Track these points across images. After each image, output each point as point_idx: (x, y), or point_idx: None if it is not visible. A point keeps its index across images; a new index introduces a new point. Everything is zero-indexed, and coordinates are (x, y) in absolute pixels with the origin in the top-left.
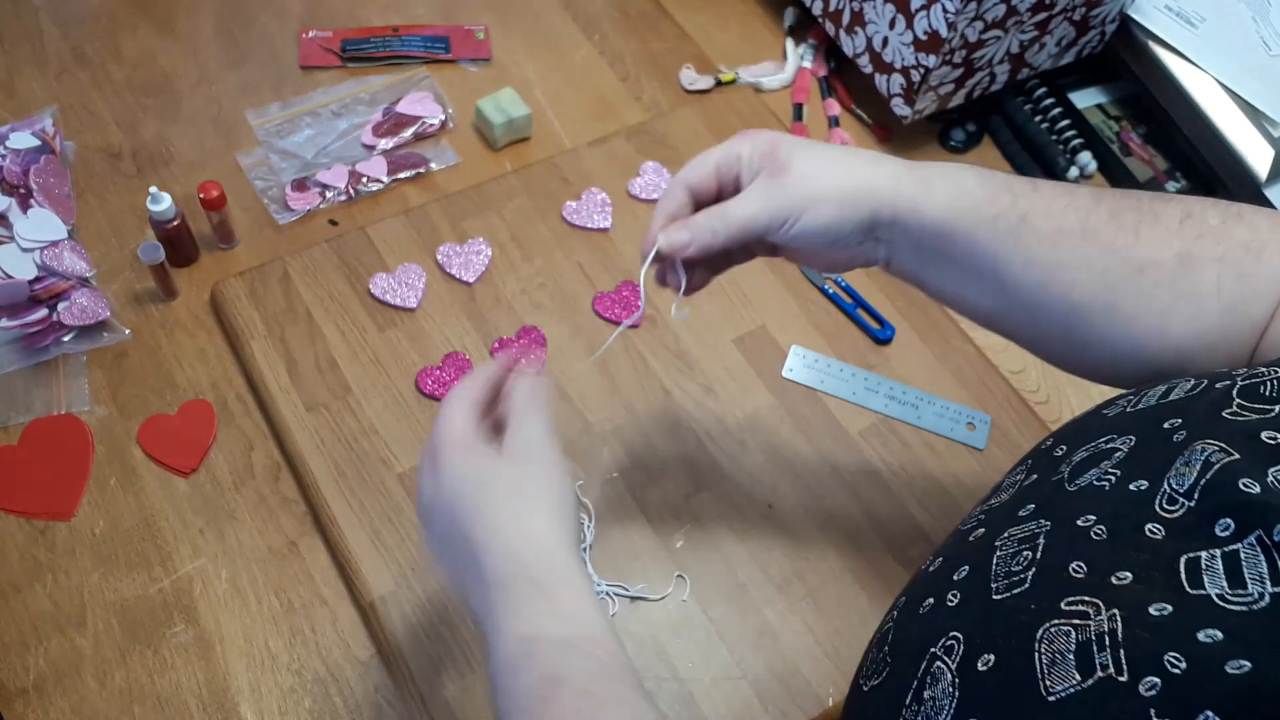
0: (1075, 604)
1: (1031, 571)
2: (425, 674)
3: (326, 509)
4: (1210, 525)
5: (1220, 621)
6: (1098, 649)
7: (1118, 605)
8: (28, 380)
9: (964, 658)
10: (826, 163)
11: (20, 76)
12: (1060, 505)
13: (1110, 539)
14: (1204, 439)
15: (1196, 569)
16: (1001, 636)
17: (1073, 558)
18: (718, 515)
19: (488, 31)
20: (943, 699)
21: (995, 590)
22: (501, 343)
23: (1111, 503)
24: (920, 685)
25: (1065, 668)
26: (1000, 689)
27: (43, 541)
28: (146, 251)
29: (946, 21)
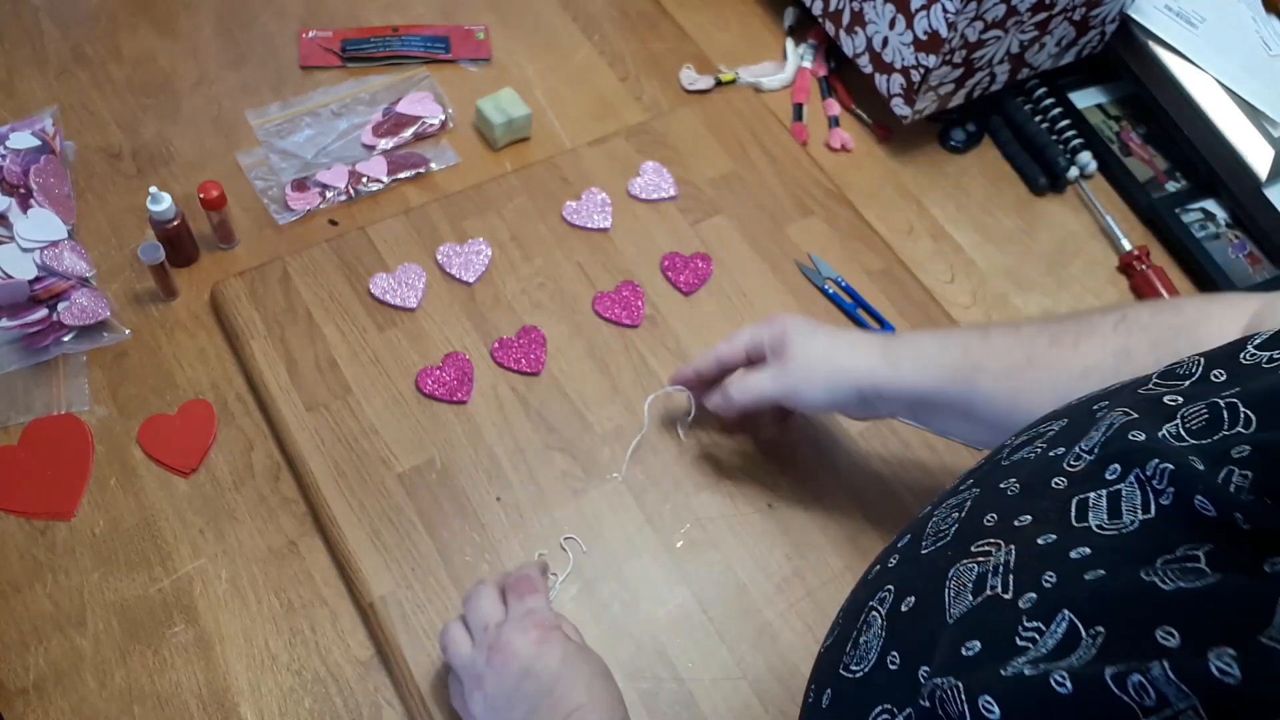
0: (982, 546)
1: (954, 529)
2: (425, 674)
3: (326, 509)
4: (1102, 471)
5: (1091, 543)
6: (991, 576)
7: (1015, 542)
8: (28, 380)
9: (892, 604)
10: (818, 353)
11: (20, 76)
12: (991, 476)
13: (1021, 494)
14: (1114, 408)
15: (1084, 506)
16: (922, 580)
17: (988, 512)
18: (718, 515)
19: (488, 31)
20: (873, 640)
21: (924, 547)
22: (501, 343)
23: (1030, 467)
24: (858, 634)
25: (964, 595)
26: (914, 622)
27: (43, 541)
28: (146, 251)
29: (946, 21)
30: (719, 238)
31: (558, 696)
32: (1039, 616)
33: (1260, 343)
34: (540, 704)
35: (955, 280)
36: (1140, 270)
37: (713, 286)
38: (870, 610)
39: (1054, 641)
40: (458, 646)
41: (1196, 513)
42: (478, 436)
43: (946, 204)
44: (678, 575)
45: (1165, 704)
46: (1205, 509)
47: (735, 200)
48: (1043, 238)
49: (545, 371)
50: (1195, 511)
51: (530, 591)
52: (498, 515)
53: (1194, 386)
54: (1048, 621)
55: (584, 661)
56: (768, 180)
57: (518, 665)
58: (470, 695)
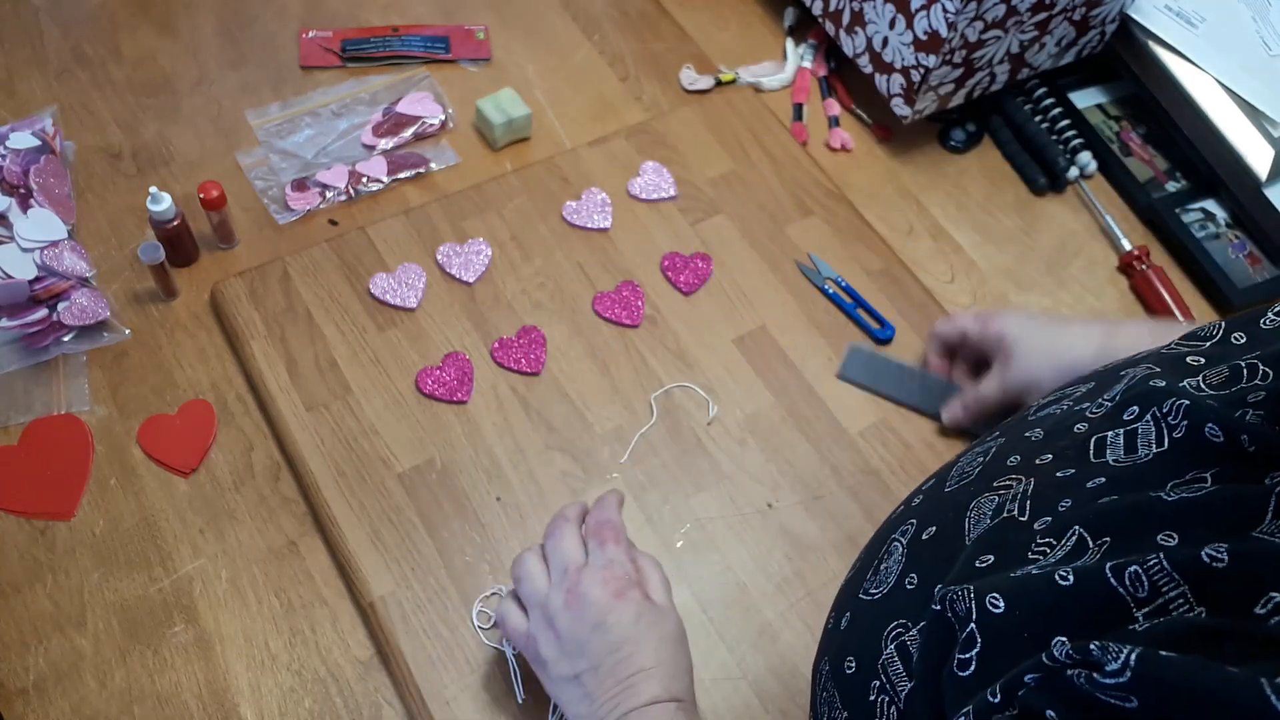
0: (1004, 481)
1: (979, 469)
2: (425, 674)
3: (326, 509)
4: (1121, 413)
5: (1107, 474)
6: (1009, 503)
7: (1034, 475)
8: (28, 380)
9: (914, 535)
10: (1040, 350)
11: (20, 76)
12: (1017, 427)
13: (1044, 439)
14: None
15: (1102, 444)
16: (945, 512)
17: (1011, 454)
18: (718, 515)
19: (488, 31)
20: (893, 566)
21: (948, 486)
22: (501, 343)
23: (1055, 418)
24: (879, 562)
25: (983, 520)
26: (935, 548)
27: (43, 541)
28: (146, 251)
29: (946, 21)
30: (719, 238)
31: (624, 655)
32: (1051, 534)
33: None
34: (606, 660)
35: (955, 280)
36: (1140, 270)
37: (713, 286)
38: (892, 541)
39: (1063, 553)
40: (534, 582)
41: (1206, 440)
42: (478, 436)
43: (946, 204)
44: (678, 575)
45: (1156, 594)
46: (1214, 435)
47: (735, 200)
48: (1043, 238)
49: (545, 371)
50: (1205, 439)
51: (613, 539)
52: (498, 515)
53: (1215, 348)
54: (1059, 537)
55: (656, 624)
56: (768, 180)
57: (593, 616)
58: (539, 630)
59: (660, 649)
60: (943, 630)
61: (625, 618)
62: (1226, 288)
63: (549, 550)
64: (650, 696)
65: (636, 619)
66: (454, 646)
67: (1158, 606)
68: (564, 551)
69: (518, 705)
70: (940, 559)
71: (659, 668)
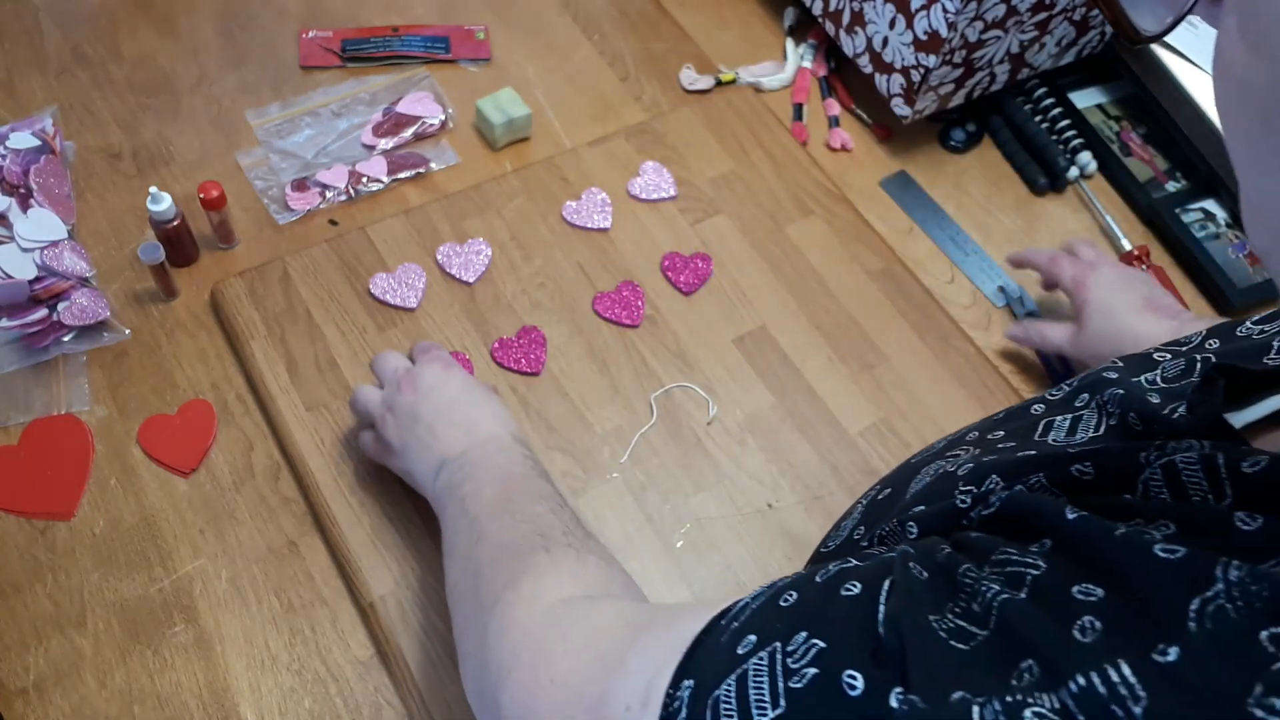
0: (956, 450)
1: (944, 443)
2: (425, 674)
3: (326, 509)
4: (1073, 400)
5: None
6: (948, 466)
7: (981, 446)
8: (28, 380)
9: (872, 496)
10: (1111, 336)
11: (20, 76)
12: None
13: (1006, 417)
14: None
15: (1049, 427)
16: (900, 477)
17: (973, 430)
18: (718, 515)
19: (488, 31)
20: (848, 522)
21: (915, 458)
22: (501, 343)
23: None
24: (843, 520)
25: (924, 479)
26: (883, 505)
27: (43, 541)
28: (146, 251)
29: (946, 21)
30: (719, 238)
31: (459, 403)
32: (972, 480)
33: (1257, 319)
34: (444, 410)
35: (955, 280)
36: (1140, 270)
37: (713, 286)
38: (857, 504)
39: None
40: (368, 395)
41: (1129, 425)
42: None
43: (946, 204)
44: (678, 575)
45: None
46: (1135, 423)
47: (735, 200)
48: (1043, 238)
49: (545, 371)
50: (1128, 424)
51: (434, 348)
52: None
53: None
54: (979, 483)
55: (481, 389)
56: (768, 180)
57: (424, 384)
58: (383, 425)
59: (490, 401)
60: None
61: (454, 380)
62: (1226, 287)
63: (377, 368)
64: (488, 432)
65: (464, 381)
66: (454, 646)
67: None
68: (391, 362)
69: None
70: (885, 514)
71: (491, 411)
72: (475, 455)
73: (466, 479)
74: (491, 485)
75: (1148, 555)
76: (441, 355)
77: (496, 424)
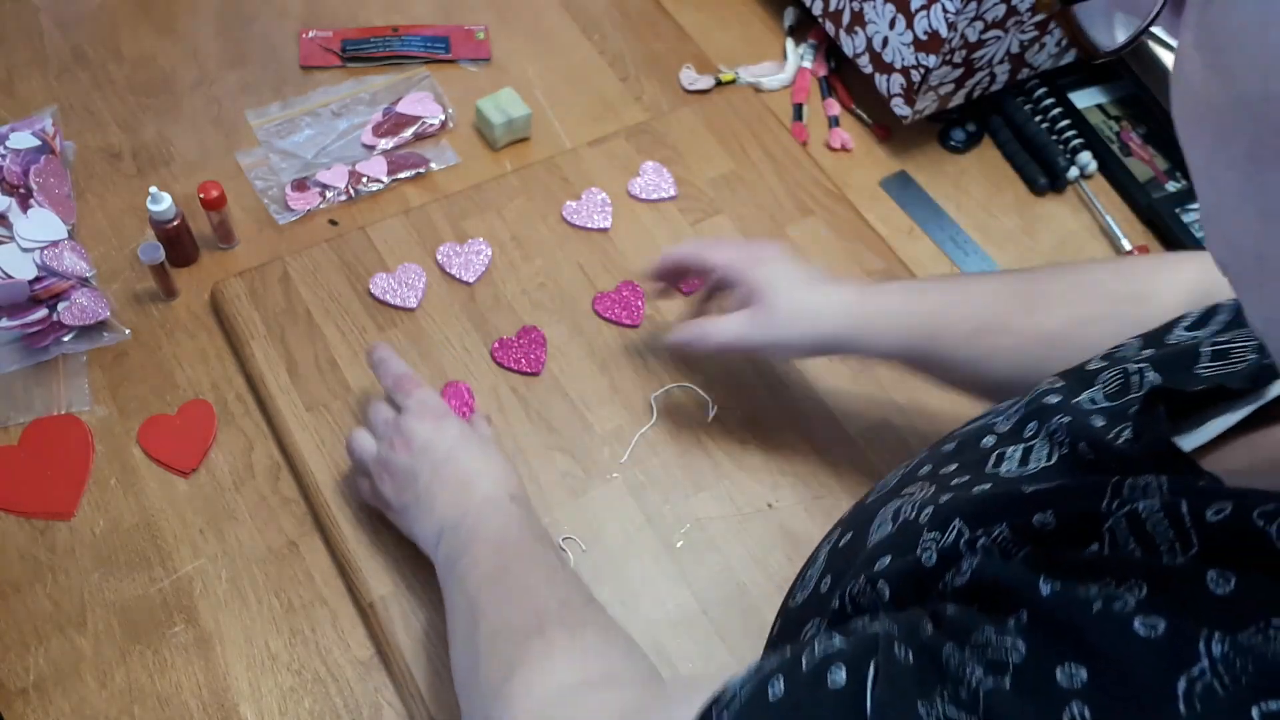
0: (911, 489)
1: (896, 480)
2: (425, 674)
3: (326, 509)
4: (1022, 429)
5: (993, 481)
6: (907, 508)
7: (936, 483)
8: (28, 380)
9: (834, 542)
10: (800, 307)
11: (20, 76)
12: (942, 442)
13: (955, 450)
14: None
15: (1001, 458)
16: (859, 520)
17: (926, 464)
18: (718, 515)
19: (488, 31)
20: (814, 571)
21: (870, 497)
22: (502, 343)
23: (973, 430)
24: (806, 569)
25: (885, 525)
26: (845, 552)
27: (43, 541)
28: (146, 251)
29: (946, 21)
30: (719, 238)
31: (453, 464)
32: (936, 526)
33: (1188, 324)
34: (439, 472)
35: None
36: None
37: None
38: (819, 550)
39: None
40: (364, 444)
41: (1081, 455)
42: None
43: (946, 204)
44: (678, 575)
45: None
46: (1087, 453)
47: (735, 200)
48: (1043, 238)
49: (545, 371)
50: (1080, 454)
51: (414, 387)
52: None
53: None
54: (943, 530)
55: (478, 439)
56: (768, 180)
57: (418, 443)
58: (380, 482)
59: (487, 456)
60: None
61: (448, 435)
62: None
63: (369, 422)
64: (484, 494)
65: (459, 435)
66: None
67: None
68: (379, 412)
69: None
70: (849, 562)
71: (487, 470)
72: (472, 521)
73: (463, 552)
74: (488, 557)
75: (1128, 634)
76: (430, 404)
77: (492, 484)
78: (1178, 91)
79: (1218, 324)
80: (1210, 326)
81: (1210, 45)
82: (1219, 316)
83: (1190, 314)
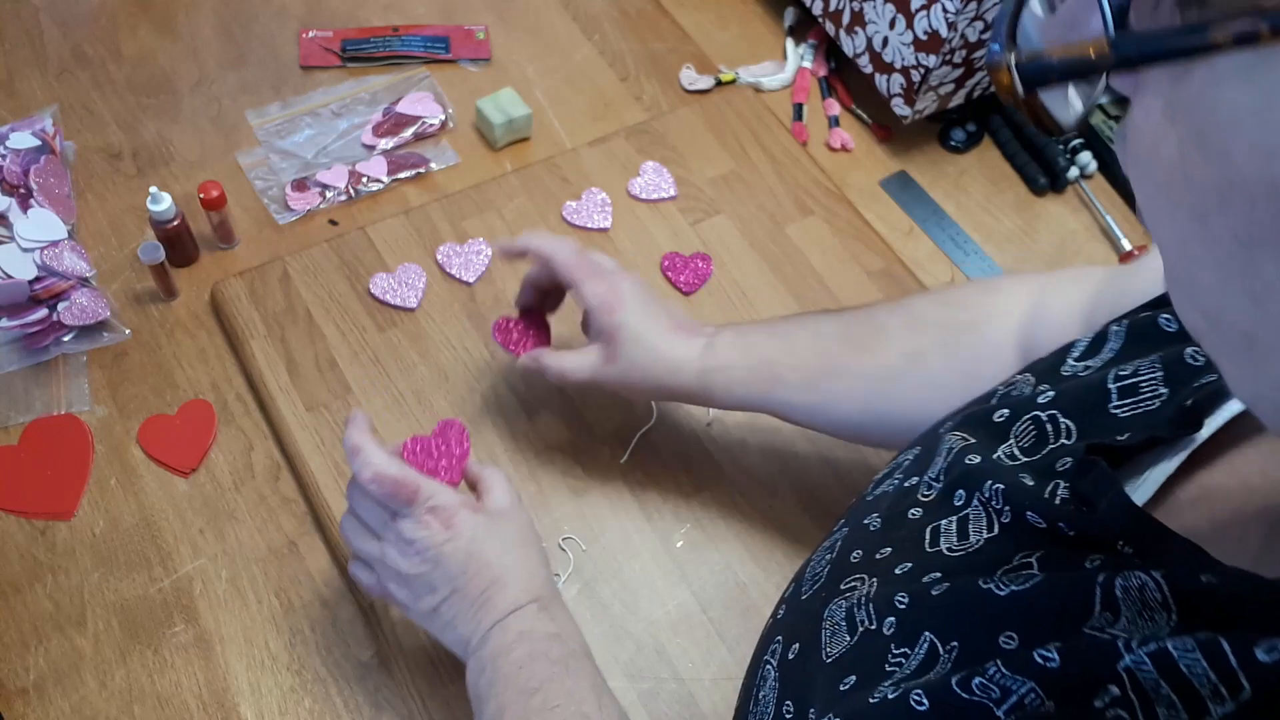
0: (850, 582)
1: (828, 570)
2: (425, 674)
3: (326, 509)
4: (950, 498)
5: (941, 566)
6: (857, 609)
7: (877, 574)
8: (28, 380)
9: (781, 655)
10: (645, 357)
11: (20, 76)
12: (856, 512)
13: (882, 527)
14: (952, 431)
15: (936, 532)
16: (803, 625)
17: (854, 549)
18: (718, 515)
19: (488, 31)
20: (769, 693)
21: (803, 593)
22: (502, 325)
23: (890, 499)
24: (757, 690)
25: (840, 634)
26: (799, 667)
27: (43, 541)
28: (146, 251)
29: (946, 21)
30: (719, 238)
31: (470, 574)
32: (904, 641)
33: (1078, 354)
34: (456, 584)
35: (955, 280)
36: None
37: (713, 286)
38: (765, 664)
39: (916, 663)
40: (365, 543)
41: (1029, 525)
42: (478, 436)
43: (946, 204)
44: (678, 575)
45: (1008, 694)
46: (1037, 522)
47: (735, 200)
48: (1043, 238)
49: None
50: (1028, 524)
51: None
52: None
53: (1022, 403)
54: (912, 644)
55: (496, 534)
56: (768, 180)
57: (430, 554)
58: (388, 582)
59: (505, 556)
60: None
61: (460, 543)
62: None
63: (356, 511)
64: (508, 605)
65: (472, 538)
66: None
67: (1014, 704)
68: (369, 511)
69: None
70: (807, 681)
71: (508, 574)
72: (495, 645)
73: (489, 695)
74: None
75: None
76: (436, 503)
77: (517, 590)
78: (1139, 160)
79: (1109, 352)
80: (1102, 354)
81: (1189, 121)
82: (1109, 344)
83: (1077, 342)
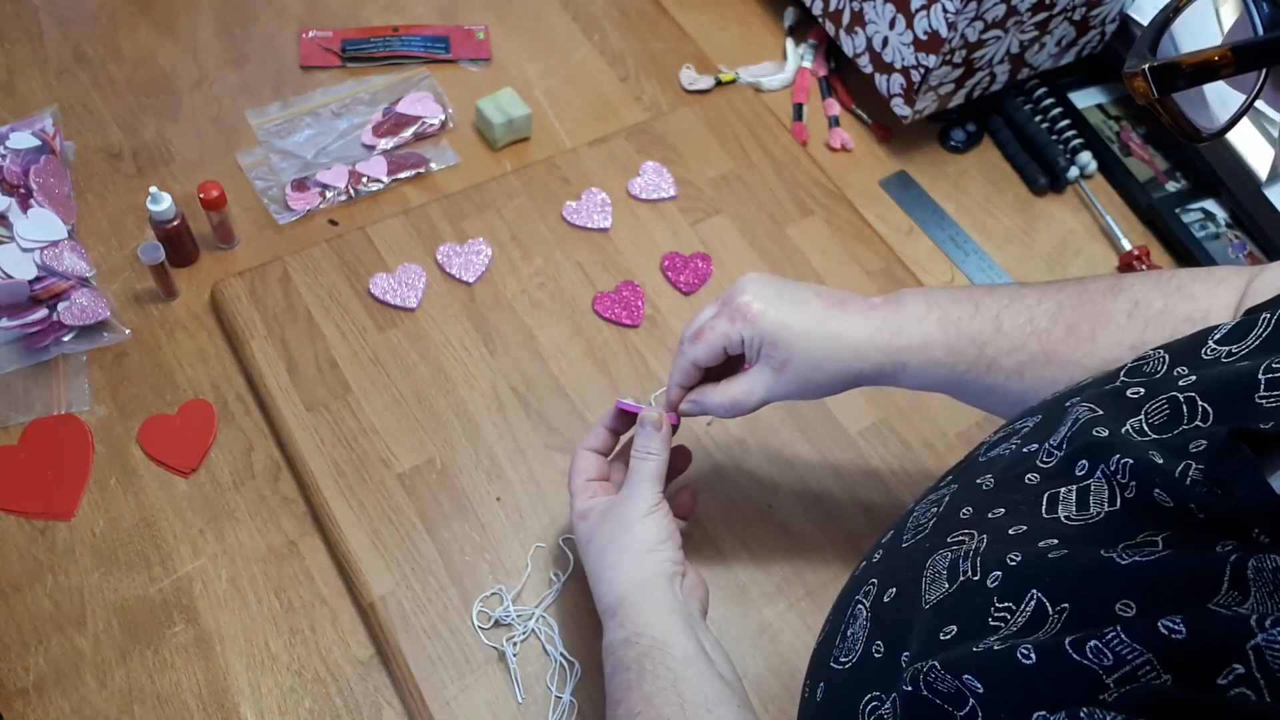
0: (958, 536)
1: (933, 522)
2: (425, 674)
3: (326, 509)
4: (1072, 467)
5: (1059, 533)
6: (962, 561)
7: (987, 532)
8: (28, 380)
9: (875, 596)
10: (817, 351)
11: (20, 76)
12: (968, 472)
13: (995, 488)
14: (1081, 403)
15: (1055, 500)
16: (902, 571)
17: (964, 506)
18: (718, 515)
19: (488, 31)
20: (859, 632)
21: (904, 541)
22: (601, 297)
23: (1005, 463)
24: (845, 627)
25: (940, 581)
26: (895, 611)
27: (43, 541)
28: (146, 251)
29: (946, 21)
30: (719, 238)
31: (594, 577)
32: (1009, 596)
33: (1219, 338)
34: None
35: (955, 280)
36: (1140, 270)
37: (713, 286)
38: (856, 604)
39: (1024, 620)
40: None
41: (1155, 504)
42: (478, 436)
43: (946, 204)
44: None
45: (1122, 663)
46: (1164, 500)
47: (735, 200)
48: (1043, 238)
49: (545, 370)
50: (1154, 502)
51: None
52: (498, 515)
53: (1157, 382)
54: (1018, 601)
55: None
56: (768, 180)
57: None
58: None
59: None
60: (921, 709)
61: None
62: None
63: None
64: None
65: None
66: (454, 646)
67: (1125, 674)
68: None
69: (517, 705)
70: (901, 623)
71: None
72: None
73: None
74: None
75: None
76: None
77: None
78: None
79: (1255, 339)
80: (1246, 342)
81: None
82: (1255, 330)
83: (1220, 326)
